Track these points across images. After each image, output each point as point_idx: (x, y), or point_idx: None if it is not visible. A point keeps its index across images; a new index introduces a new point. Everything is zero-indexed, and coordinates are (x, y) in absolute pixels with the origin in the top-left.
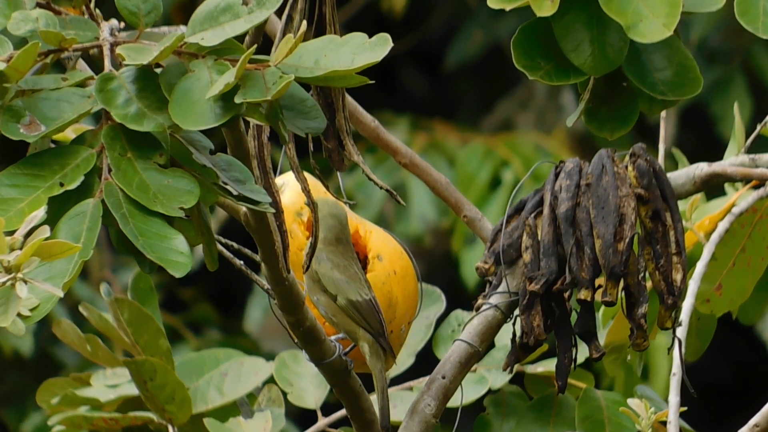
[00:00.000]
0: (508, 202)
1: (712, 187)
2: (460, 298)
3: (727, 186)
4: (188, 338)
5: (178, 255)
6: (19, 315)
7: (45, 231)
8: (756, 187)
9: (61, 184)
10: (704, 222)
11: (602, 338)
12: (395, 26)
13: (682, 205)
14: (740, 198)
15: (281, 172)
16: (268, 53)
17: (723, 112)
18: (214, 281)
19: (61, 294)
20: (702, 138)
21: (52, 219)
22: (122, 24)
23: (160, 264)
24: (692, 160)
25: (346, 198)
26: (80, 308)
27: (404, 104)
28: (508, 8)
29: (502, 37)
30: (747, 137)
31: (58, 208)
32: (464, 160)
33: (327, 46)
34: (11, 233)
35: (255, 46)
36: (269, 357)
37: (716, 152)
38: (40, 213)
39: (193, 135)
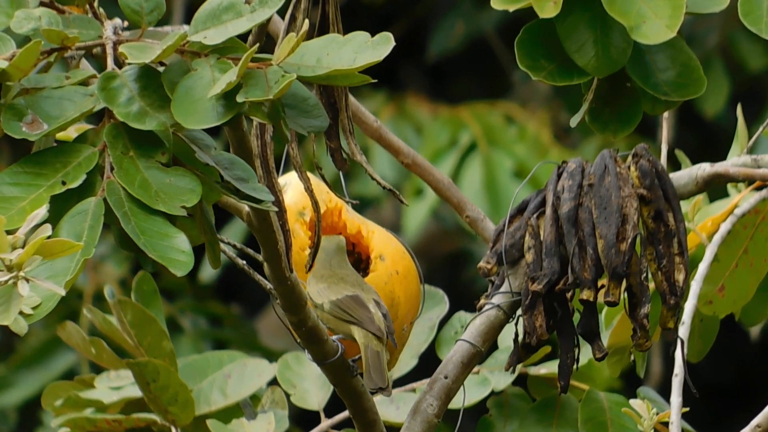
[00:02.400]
0: (459, 160)
1: (715, 189)
2: (462, 299)
3: (729, 187)
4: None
5: (180, 254)
6: (21, 313)
7: (47, 229)
8: (759, 189)
9: (63, 183)
10: (707, 223)
11: (605, 339)
12: (378, 17)
13: (685, 206)
14: (743, 199)
15: (284, 172)
16: (271, 53)
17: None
18: None
19: (63, 292)
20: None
21: (54, 217)
22: (126, 23)
23: (161, 263)
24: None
25: (349, 198)
26: (84, 311)
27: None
28: (511, 9)
29: (485, 28)
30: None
31: (60, 206)
32: (431, 128)
33: (329, 45)
34: (13, 232)
35: (257, 44)
36: (242, 324)
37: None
38: (42, 211)
39: (196, 133)
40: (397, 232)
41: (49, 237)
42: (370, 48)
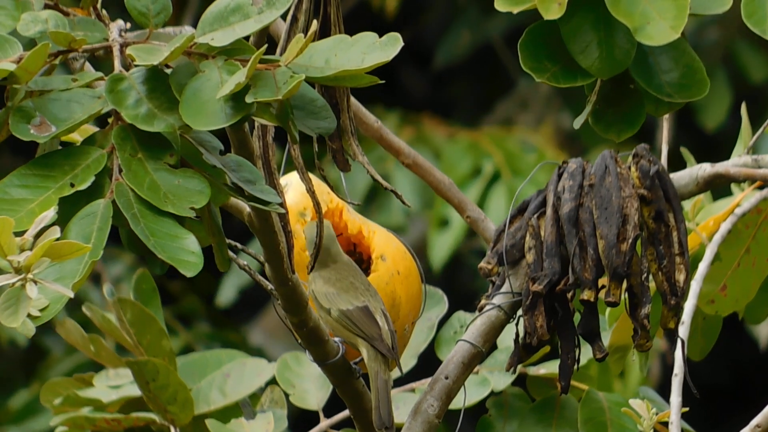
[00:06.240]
0: (484, 189)
1: (719, 188)
2: (461, 299)
3: (733, 186)
4: (178, 331)
5: (189, 255)
6: (29, 315)
7: (55, 231)
8: (761, 188)
9: (72, 185)
10: (708, 223)
11: (607, 338)
12: (387, 25)
13: (686, 206)
14: (744, 199)
15: (283, 173)
16: (271, 55)
17: (704, 101)
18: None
19: (71, 294)
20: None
21: (63, 219)
22: (128, 24)
23: (171, 264)
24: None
25: (350, 199)
26: (83, 308)
27: (401, 103)
28: (515, 11)
29: (491, 36)
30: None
31: (68, 208)
32: (449, 153)
33: (337, 46)
34: (22, 234)
35: (266, 45)
36: (257, 352)
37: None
38: (51, 213)
39: (203, 135)
40: (421, 260)
41: (57, 239)
42: (378, 48)
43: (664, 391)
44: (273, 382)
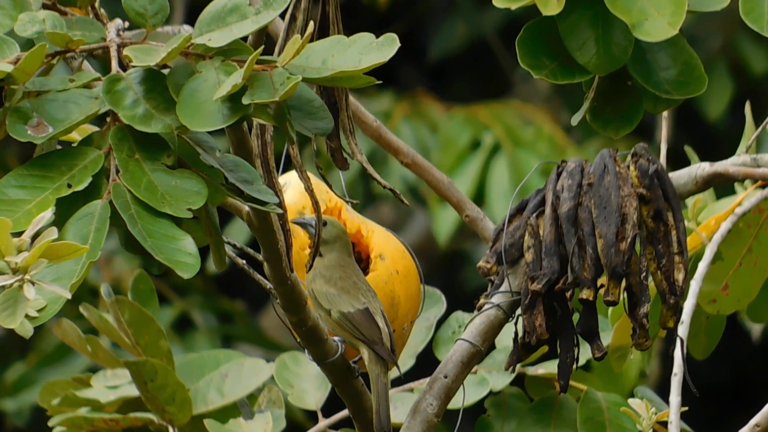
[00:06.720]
0: (485, 164)
1: (723, 187)
2: (459, 299)
3: (737, 185)
4: (173, 300)
5: (187, 256)
6: (26, 316)
7: (53, 233)
8: (762, 187)
9: (69, 186)
10: (710, 222)
11: (609, 337)
12: (380, 19)
13: (687, 204)
14: (745, 198)
15: (284, 171)
16: (269, 53)
17: (705, 93)
18: None
19: (69, 295)
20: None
21: (60, 220)
22: (126, 24)
23: (168, 265)
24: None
25: (349, 197)
26: (80, 308)
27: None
28: (513, 7)
29: (486, 31)
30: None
31: (65, 209)
32: (447, 127)
33: (334, 47)
34: (19, 234)
35: (262, 47)
36: (256, 330)
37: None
38: (48, 214)
39: (200, 136)
40: (426, 238)
41: (55, 240)
42: (375, 49)
43: (665, 390)
44: (271, 381)
